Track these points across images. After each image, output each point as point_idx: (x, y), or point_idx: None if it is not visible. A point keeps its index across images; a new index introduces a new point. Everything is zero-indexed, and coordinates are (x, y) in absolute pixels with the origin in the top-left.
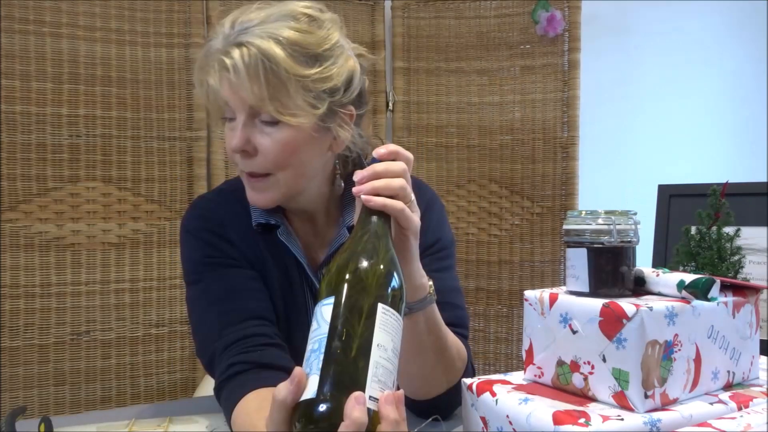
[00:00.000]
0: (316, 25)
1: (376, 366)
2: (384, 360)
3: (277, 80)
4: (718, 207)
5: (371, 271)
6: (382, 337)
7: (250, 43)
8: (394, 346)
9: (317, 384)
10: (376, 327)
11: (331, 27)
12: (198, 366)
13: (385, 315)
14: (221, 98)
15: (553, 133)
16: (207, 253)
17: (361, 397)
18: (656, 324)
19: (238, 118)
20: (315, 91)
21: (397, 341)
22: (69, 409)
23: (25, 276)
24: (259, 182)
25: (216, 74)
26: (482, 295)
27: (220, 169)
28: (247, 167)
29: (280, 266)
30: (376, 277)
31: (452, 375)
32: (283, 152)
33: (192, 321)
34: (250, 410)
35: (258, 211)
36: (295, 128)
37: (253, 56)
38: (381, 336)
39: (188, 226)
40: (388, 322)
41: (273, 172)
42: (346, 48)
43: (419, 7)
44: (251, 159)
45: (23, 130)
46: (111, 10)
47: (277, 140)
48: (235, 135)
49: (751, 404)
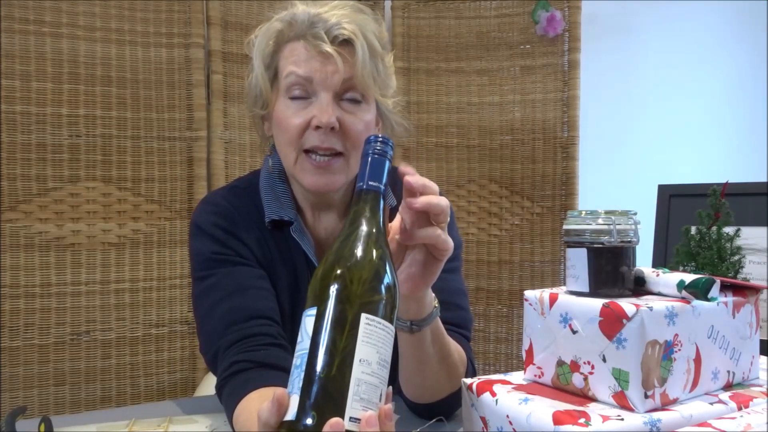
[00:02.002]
0: (374, 16)
1: (358, 384)
2: (368, 375)
3: (383, 66)
4: (718, 207)
5: (355, 278)
6: (366, 351)
7: (353, 33)
8: (380, 358)
9: (297, 405)
10: (358, 341)
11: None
12: (198, 366)
13: (370, 326)
14: (293, 76)
15: (553, 133)
16: (216, 250)
17: (337, 425)
18: (656, 324)
19: (320, 96)
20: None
21: (384, 351)
22: (69, 409)
23: (25, 276)
24: (331, 163)
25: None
26: (482, 295)
27: (220, 169)
28: (330, 142)
29: (289, 266)
30: (360, 284)
31: (455, 379)
32: (365, 131)
33: (197, 317)
34: (252, 409)
35: (272, 207)
36: (371, 109)
37: (364, 36)
38: (364, 350)
39: (199, 221)
40: (373, 333)
41: (350, 151)
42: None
43: (419, 7)
44: (333, 135)
45: (23, 130)
46: (111, 10)
47: (362, 119)
48: (324, 110)
49: (751, 404)
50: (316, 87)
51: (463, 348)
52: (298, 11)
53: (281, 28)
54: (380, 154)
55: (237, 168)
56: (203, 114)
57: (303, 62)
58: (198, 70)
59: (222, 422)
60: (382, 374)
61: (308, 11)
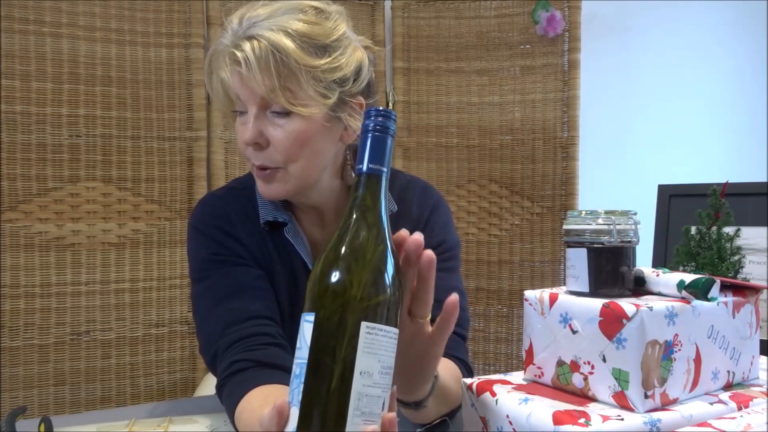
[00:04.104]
0: (323, 16)
1: (359, 398)
2: (369, 387)
3: (288, 71)
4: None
5: (355, 281)
6: (367, 361)
7: (260, 36)
8: (382, 366)
9: (297, 419)
10: (358, 352)
11: (338, 18)
12: (198, 366)
13: (370, 334)
14: (233, 92)
15: (553, 133)
16: (214, 251)
17: None
18: (656, 324)
19: (249, 111)
20: (325, 81)
21: (387, 358)
22: (69, 409)
23: (25, 276)
24: (270, 174)
25: (227, 68)
26: (482, 295)
27: (220, 169)
28: (259, 160)
29: (288, 266)
30: (360, 287)
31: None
32: (295, 143)
33: (196, 318)
34: (254, 406)
35: (266, 208)
36: (306, 119)
37: (263, 48)
38: (365, 361)
39: (196, 222)
40: (374, 341)
41: (285, 165)
42: (353, 39)
43: (419, 7)
44: (263, 152)
45: (23, 130)
46: (111, 10)
47: (289, 131)
48: (247, 128)
49: (751, 404)
50: (245, 102)
51: (456, 349)
52: (231, 25)
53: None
54: (381, 130)
55: (237, 168)
56: (203, 114)
57: (233, 76)
58: (198, 70)
59: (222, 422)
60: (384, 382)
61: (232, 27)
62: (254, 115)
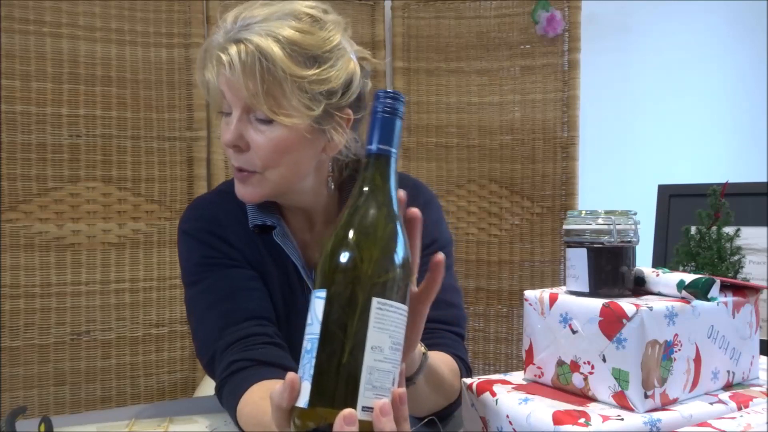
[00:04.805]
0: (318, 26)
1: (370, 372)
2: (380, 362)
3: (273, 79)
4: (718, 207)
5: (365, 257)
6: (378, 337)
7: (248, 40)
8: (392, 342)
9: (309, 393)
10: (369, 327)
11: (334, 29)
12: (198, 366)
13: (381, 310)
14: (218, 92)
15: (553, 133)
16: (205, 254)
17: (350, 417)
18: (656, 324)
19: (233, 113)
20: (311, 92)
21: (397, 334)
22: (69, 409)
23: (25, 276)
24: (247, 177)
25: (213, 69)
26: (482, 295)
27: (220, 169)
28: (238, 162)
29: (280, 267)
30: (371, 264)
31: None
32: (275, 151)
33: (192, 322)
34: (255, 399)
35: (254, 212)
36: (288, 128)
37: (250, 54)
38: (376, 336)
39: (186, 227)
40: (385, 317)
41: (262, 171)
42: (348, 50)
43: (419, 7)
44: (242, 154)
45: (23, 130)
46: (111, 10)
47: (270, 139)
48: (228, 129)
49: (751, 404)
50: (230, 103)
51: (454, 347)
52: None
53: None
54: (390, 112)
55: None
56: (203, 114)
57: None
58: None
59: (222, 422)
60: (394, 358)
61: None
62: (237, 118)
